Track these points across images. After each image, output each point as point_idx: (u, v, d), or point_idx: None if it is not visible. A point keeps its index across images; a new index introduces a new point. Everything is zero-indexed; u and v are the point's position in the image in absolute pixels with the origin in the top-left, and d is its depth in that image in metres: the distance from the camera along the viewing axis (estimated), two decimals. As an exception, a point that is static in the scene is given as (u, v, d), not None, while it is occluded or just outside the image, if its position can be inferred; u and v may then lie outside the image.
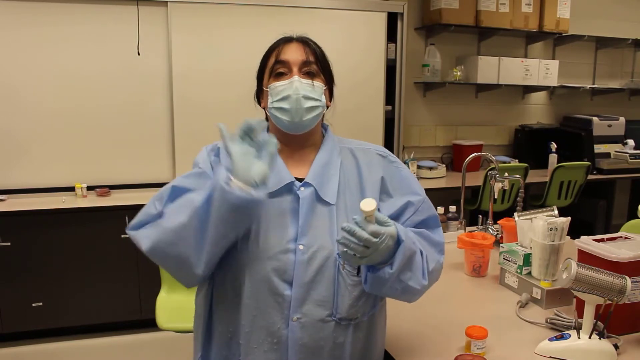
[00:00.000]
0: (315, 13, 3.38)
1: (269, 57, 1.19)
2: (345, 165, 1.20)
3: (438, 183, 3.77)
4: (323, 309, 1.09)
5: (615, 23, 4.63)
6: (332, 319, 1.10)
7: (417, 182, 1.25)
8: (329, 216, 1.12)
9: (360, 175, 1.20)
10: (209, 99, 3.24)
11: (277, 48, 1.18)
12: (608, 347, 1.22)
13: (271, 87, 1.16)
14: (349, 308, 1.11)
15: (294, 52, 1.16)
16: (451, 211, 2.26)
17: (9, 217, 2.83)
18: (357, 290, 1.11)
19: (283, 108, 1.14)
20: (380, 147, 1.28)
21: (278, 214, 1.11)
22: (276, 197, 1.12)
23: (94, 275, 2.96)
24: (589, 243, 1.40)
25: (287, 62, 1.15)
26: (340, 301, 1.10)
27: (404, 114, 3.78)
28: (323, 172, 1.16)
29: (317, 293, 1.08)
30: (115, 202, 3.02)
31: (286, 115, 1.14)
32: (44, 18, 2.97)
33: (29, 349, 2.93)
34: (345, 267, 1.09)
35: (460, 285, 1.74)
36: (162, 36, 3.14)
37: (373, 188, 1.19)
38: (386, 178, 1.21)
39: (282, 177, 1.13)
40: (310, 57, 1.17)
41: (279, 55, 1.17)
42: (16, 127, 3.02)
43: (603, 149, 4.34)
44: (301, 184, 1.14)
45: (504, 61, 4.10)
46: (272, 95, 1.15)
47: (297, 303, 1.08)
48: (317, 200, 1.13)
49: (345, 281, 1.10)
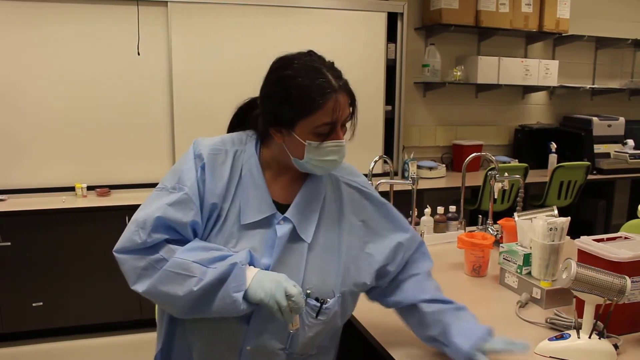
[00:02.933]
0: (315, 13, 3.38)
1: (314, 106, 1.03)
2: (328, 199, 1.17)
3: (438, 183, 3.77)
4: (277, 342, 1.09)
5: (615, 23, 4.63)
6: (284, 352, 1.11)
7: (402, 217, 1.26)
8: (300, 254, 1.10)
9: (342, 213, 1.18)
10: (209, 99, 3.24)
11: (328, 101, 1.04)
12: (608, 347, 1.22)
13: (313, 145, 1.06)
14: (302, 346, 1.12)
15: (342, 107, 1.06)
16: (451, 211, 2.26)
17: (9, 217, 2.83)
18: (313, 332, 1.11)
19: (322, 167, 1.10)
20: (366, 181, 1.25)
21: (253, 244, 1.08)
22: (253, 229, 1.09)
23: (94, 275, 2.96)
24: (589, 243, 1.40)
25: (336, 122, 1.06)
26: (294, 338, 1.10)
27: (404, 114, 3.78)
28: (305, 207, 1.13)
29: (274, 327, 1.08)
30: (115, 202, 3.02)
31: (321, 171, 1.12)
32: (44, 18, 2.97)
33: (29, 349, 2.93)
34: (306, 309, 1.08)
35: (460, 285, 1.74)
36: (162, 36, 3.14)
37: (352, 230, 1.17)
38: (373, 219, 1.20)
39: (263, 207, 1.10)
40: (350, 108, 1.09)
41: (329, 112, 1.04)
42: (16, 127, 3.02)
43: (603, 149, 4.34)
44: (281, 217, 1.11)
45: (504, 61, 4.10)
46: (312, 152, 1.07)
47: (252, 335, 1.08)
48: (293, 237, 1.10)
49: (303, 321, 1.09)
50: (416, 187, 2.18)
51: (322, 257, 1.12)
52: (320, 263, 1.11)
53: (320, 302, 1.08)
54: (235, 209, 1.09)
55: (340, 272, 1.13)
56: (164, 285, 1.02)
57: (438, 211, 2.23)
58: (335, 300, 1.12)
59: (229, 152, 1.13)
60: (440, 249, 2.10)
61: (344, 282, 1.13)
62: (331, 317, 1.12)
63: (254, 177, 1.11)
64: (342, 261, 1.13)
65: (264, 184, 1.11)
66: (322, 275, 1.11)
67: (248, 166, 1.12)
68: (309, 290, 1.07)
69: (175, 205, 1.05)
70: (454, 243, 1.92)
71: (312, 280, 1.09)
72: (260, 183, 1.11)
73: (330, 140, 1.07)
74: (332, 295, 1.11)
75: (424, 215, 2.20)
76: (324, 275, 1.11)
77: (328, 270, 1.12)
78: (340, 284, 1.12)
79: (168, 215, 1.04)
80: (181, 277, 1.01)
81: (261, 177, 1.12)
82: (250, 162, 1.12)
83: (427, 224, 2.18)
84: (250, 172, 1.11)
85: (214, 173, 1.09)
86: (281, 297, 0.98)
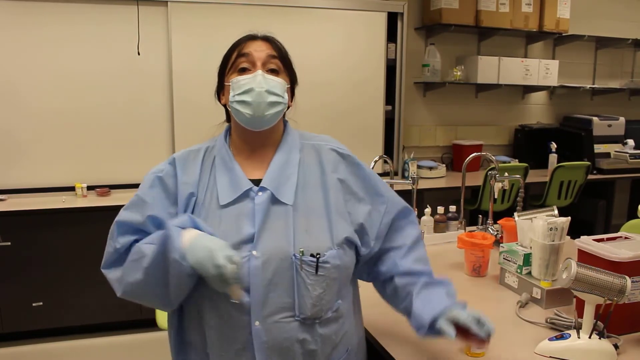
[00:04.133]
0: (315, 13, 3.38)
1: (232, 53, 1.19)
2: (306, 163, 1.19)
3: (438, 183, 3.77)
4: (285, 311, 1.08)
5: (615, 23, 4.63)
6: (294, 319, 1.09)
7: (380, 181, 1.25)
8: (284, 217, 1.11)
9: (323, 172, 1.19)
10: (209, 98, 3.21)
11: (241, 44, 1.18)
12: (608, 347, 1.22)
13: (233, 81, 1.15)
14: (311, 307, 1.10)
15: (258, 47, 1.17)
16: (451, 211, 2.26)
17: (9, 217, 2.83)
18: (318, 289, 1.10)
19: (245, 101, 1.13)
20: (341, 145, 1.26)
21: (234, 221, 1.10)
22: (233, 205, 1.12)
23: (94, 275, 2.91)
24: (589, 243, 1.40)
25: (250, 55, 1.15)
26: (301, 301, 1.09)
27: (404, 114, 3.78)
28: (280, 174, 1.15)
29: (277, 295, 1.07)
30: (115, 202, 3.02)
31: (248, 109, 1.13)
32: (44, 18, 2.97)
33: (29, 349, 2.93)
34: (304, 267, 1.08)
35: (460, 285, 1.74)
36: (162, 36, 3.14)
37: (335, 187, 1.18)
38: (349, 180, 1.20)
39: (239, 185, 1.13)
40: (273, 52, 1.17)
41: (242, 50, 1.17)
42: (16, 127, 3.02)
43: (603, 149, 4.34)
44: (258, 189, 1.12)
45: (504, 61, 4.10)
46: (234, 89, 1.15)
47: (257, 308, 1.07)
48: (273, 203, 1.12)
49: (304, 281, 1.09)
50: (416, 187, 2.18)
51: (309, 216, 1.13)
52: (308, 222, 1.12)
53: (316, 256, 1.09)
54: (214, 194, 1.14)
55: (329, 227, 1.13)
56: (130, 277, 1.07)
57: (438, 211, 2.24)
58: (332, 254, 1.11)
59: (200, 150, 1.23)
60: (440, 249, 2.10)
61: (337, 236, 1.13)
62: (333, 271, 1.12)
63: (226, 162, 1.17)
64: (331, 217, 1.14)
65: (236, 165, 1.16)
66: (312, 233, 1.11)
67: (220, 155, 1.19)
68: (301, 249, 1.08)
69: (130, 208, 1.16)
70: (454, 243, 1.92)
71: (303, 239, 1.10)
72: (232, 166, 1.16)
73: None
74: (327, 250, 1.11)
75: (424, 215, 2.20)
76: (315, 233, 1.11)
77: (318, 228, 1.12)
78: (332, 238, 1.13)
79: (125, 218, 1.15)
80: (136, 262, 1.06)
81: (232, 160, 1.17)
82: (221, 151, 1.20)
83: (427, 224, 2.19)
84: (222, 159, 1.18)
85: (185, 168, 1.18)
86: (211, 266, 0.98)
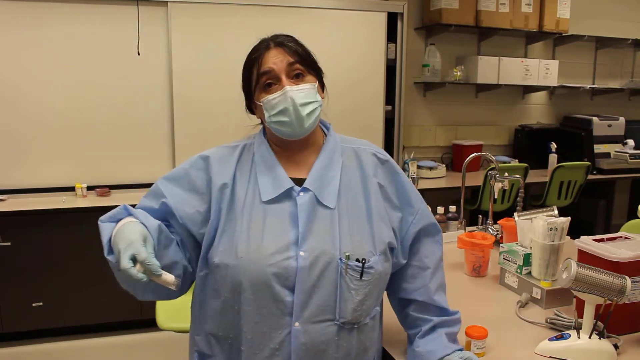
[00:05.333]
0: (315, 13, 3.38)
1: (252, 70, 1.15)
2: (347, 167, 1.19)
3: (438, 183, 3.77)
4: (326, 314, 1.08)
5: (615, 23, 4.63)
6: (335, 323, 1.09)
7: (414, 191, 1.26)
8: (330, 220, 1.11)
9: (365, 176, 1.19)
10: (209, 99, 3.24)
11: (258, 59, 1.14)
12: (608, 347, 1.22)
13: (264, 102, 1.13)
14: (352, 312, 1.09)
15: (275, 58, 1.13)
16: (451, 211, 2.26)
17: (9, 217, 2.83)
18: (361, 294, 1.10)
19: (282, 121, 1.12)
20: (381, 150, 1.27)
21: (278, 220, 1.10)
22: (276, 204, 1.12)
23: (94, 275, 2.95)
24: (589, 243, 1.40)
25: (272, 71, 1.12)
26: (343, 305, 1.08)
27: (404, 114, 3.78)
28: (323, 176, 1.15)
29: (320, 298, 1.07)
30: (115, 202, 3.00)
31: (287, 127, 1.13)
32: (44, 18, 2.97)
33: (29, 349, 2.93)
34: (349, 272, 1.08)
35: (460, 285, 1.74)
36: (162, 36, 3.14)
37: (376, 191, 1.18)
38: (387, 186, 1.21)
39: (281, 183, 1.13)
40: (293, 57, 1.13)
41: (261, 66, 1.13)
42: (16, 127, 3.02)
43: (603, 149, 4.34)
44: (300, 189, 1.13)
45: (504, 61, 4.10)
46: (267, 109, 1.13)
47: (299, 309, 1.06)
48: (318, 205, 1.12)
49: (348, 285, 1.08)
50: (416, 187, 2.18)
51: (352, 220, 1.13)
52: (351, 226, 1.12)
53: (362, 262, 1.09)
54: (256, 190, 1.13)
55: (371, 233, 1.14)
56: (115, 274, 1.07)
57: (438, 211, 2.24)
58: (376, 260, 1.12)
59: (237, 147, 1.21)
60: (440, 249, 2.09)
61: (379, 242, 1.14)
62: (376, 277, 1.12)
63: (266, 159, 1.17)
64: (372, 222, 1.15)
65: (277, 163, 1.16)
66: (356, 238, 1.11)
67: (260, 152, 1.18)
68: (347, 253, 1.08)
69: (148, 196, 1.17)
70: (454, 243, 1.92)
71: (347, 244, 1.10)
72: (273, 164, 1.16)
73: (275, 91, 1.12)
74: (371, 255, 1.11)
75: (424, 215, 2.19)
76: (358, 238, 1.12)
77: (361, 233, 1.13)
78: (374, 244, 1.13)
79: (141, 204, 1.15)
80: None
81: (273, 158, 1.17)
82: (261, 148, 1.19)
83: (427, 224, 2.18)
84: (262, 157, 1.17)
85: (220, 162, 1.17)
86: (124, 260, 0.96)
